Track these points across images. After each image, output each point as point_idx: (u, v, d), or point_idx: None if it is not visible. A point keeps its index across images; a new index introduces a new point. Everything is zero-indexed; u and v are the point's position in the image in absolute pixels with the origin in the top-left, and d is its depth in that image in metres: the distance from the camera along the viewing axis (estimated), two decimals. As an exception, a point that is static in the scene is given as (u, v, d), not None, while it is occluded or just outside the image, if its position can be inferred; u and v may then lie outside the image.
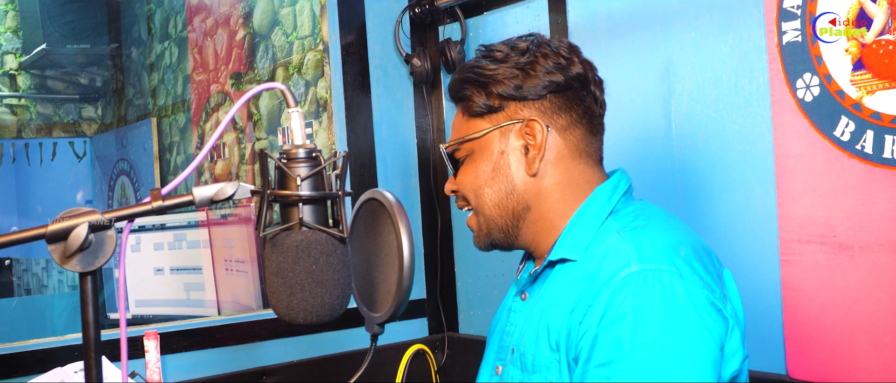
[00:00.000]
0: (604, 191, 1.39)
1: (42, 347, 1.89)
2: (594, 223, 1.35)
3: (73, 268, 0.97)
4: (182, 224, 2.95)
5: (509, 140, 1.40)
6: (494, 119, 1.40)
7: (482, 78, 1.39)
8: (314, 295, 1.05)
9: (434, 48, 2.54)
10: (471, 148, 1.42)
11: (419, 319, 2.54)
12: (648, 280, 1.21)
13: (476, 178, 1.42)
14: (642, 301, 1.20)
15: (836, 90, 1.62)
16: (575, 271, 1.32)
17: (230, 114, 1.09)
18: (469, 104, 1.42)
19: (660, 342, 1.18)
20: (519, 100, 1.38)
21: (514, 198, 1.40)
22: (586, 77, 1.40)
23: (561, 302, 1.30)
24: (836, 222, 1.63)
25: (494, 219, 1.41)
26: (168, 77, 3.82)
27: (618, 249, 1.27)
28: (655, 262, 1.23)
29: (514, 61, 1.38)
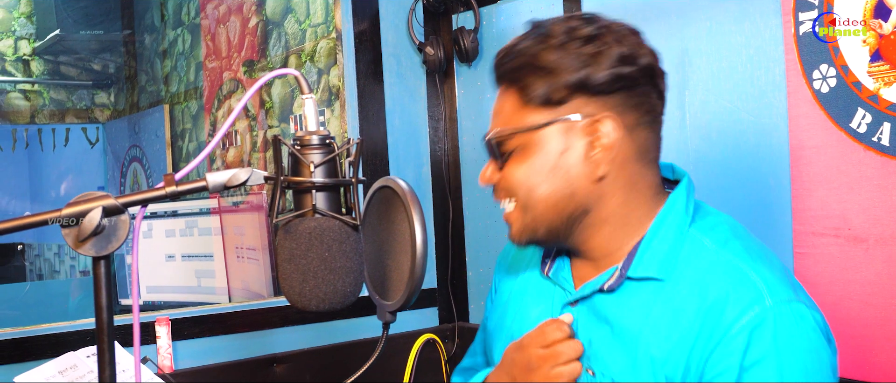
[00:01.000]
0: (679, 199, 1.27)
1: (55, 332, 1.90)
2: (676, 237, 1.24)
3: (87, 253, 0.97)
4: (194, 211, 2.96)
5: (572, 137, 1.24)
6: (556, 112, 1.23)
7: (545, 65, 1.22)
8: (327, 283, 1.05)
9: (447, 37, 2.53)
10: (524, 140, 1.25)
11: (429, 308, 2.54)
12: (785, 316, 1.14)
13: (530, 175, 1.25)
14: (784, 339, 1.13)
15: (852, 81, 1.60)
16: (673, 292, 1.21)
17: (243, 101, 1.09)
18: (526, 92, 1.24)
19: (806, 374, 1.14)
20: (586, 93, 1.22)
21: (573, 202, 1.25)
22: (654, 69, 1.25)
23: (667, 329, 1.19)
24: (852, 215, 1.62)
25: (547, 221, 1.26)
26: (181, 64, 3.83)
27: (740, 279, 1.17)
28: (784, 296, 1.16)
29: (577, 48, 1.21)
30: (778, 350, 1.12)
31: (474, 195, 2.53)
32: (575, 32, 1.22)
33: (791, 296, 1.16)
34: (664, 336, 1.19)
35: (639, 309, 1.22)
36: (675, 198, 1.27)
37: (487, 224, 2.48)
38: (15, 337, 1.85)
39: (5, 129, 4.65)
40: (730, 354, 1.13)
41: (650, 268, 1.23)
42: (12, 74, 4.58)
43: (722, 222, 1.27)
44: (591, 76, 1.20)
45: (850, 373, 1.63)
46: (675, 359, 1.18)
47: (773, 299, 1.14)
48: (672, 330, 1.18)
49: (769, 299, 1.14)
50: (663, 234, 1.24)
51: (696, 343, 1.16)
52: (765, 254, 1.24)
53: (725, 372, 1.14)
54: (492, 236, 2.47)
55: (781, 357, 1.12)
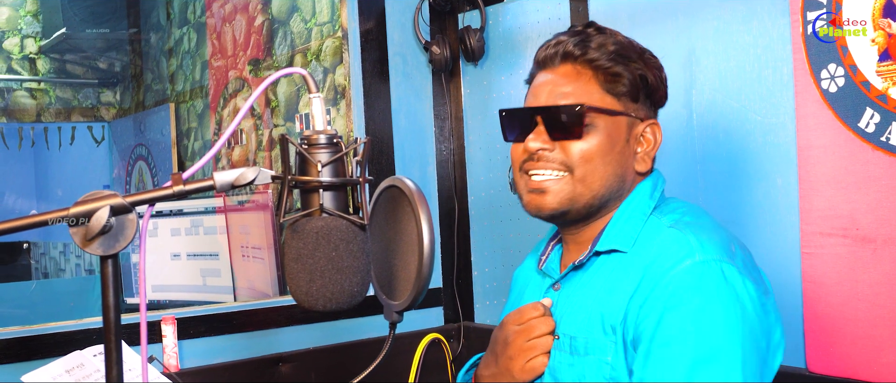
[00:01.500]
0: (645, 187, 1.42)
1: (61, 330, 1.90)
2: (639, 217, 1.39)
3: (94, 251, 0.97)
4: (199, 210, 2.96)
5: (632, 132, 1.41)
6: (630, 107, 1.40)
7: (639, 62, 1.40)
8: (334, 282, 1.04)
9: (453, 36, 2.53)
10: (601, 121, 1.38)
11: (435, 308, 2.54)
12: (711, 269, 1.26)
13: (598, 152, 1.38)
14: (706, 286, 1.24)
15: (861, 81, 1.60)
16: (628, 261, 1.35)
17: (250, 100, 1.08)
18: (614, 80, 1.38)
19: (724, 326, 1.22)
20: (650, 99, 1.42)
21: (620, 185, 1.40)
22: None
23: (617, 288, 1.33)
24: (859, 215, 1.61)
25: (594, 196, 1.38)
26: (186, 63, 3.83)
27: (678, 241, 1.30)
28: (715, 254, 1.27)
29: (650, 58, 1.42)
30: (700, 295, 1.24)
31: (480, 194, 2.53)
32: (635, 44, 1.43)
33: (724, 257, 1.28)
34: (615, 293, 1.33)
35: (602, 278, 1.37)
36: (640, 187, 1.42)
37: (493, 223, 2.48)
38: (21, 336, 1.85)
39: (11, 128, 4.65)
40: (657, 298, 1.26)
41: (614, 242, 1.38)
42: (18, 73, 4.59)
43: (681, 207, 1.42)
44: (658, 87, 1.42)
45: (858, 374, 1.62)
46: (617, 309, 1.31)
47: (703, 255, 1.27)
48: (620, 287, 1.33)
49: (700, 255, 1.27)
50: (628, 215, 1.40)
51: (635, 292, 1.30)
52: (715, 229, 1.36)
53: (651, 314, 1.26)
54: (497, 235, 2.47)
55: (702, 302, 1.24)
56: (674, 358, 1.22)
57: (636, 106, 1.40)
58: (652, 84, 1.40)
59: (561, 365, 1.37)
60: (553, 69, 1.42)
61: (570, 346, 1.36)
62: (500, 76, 2.43)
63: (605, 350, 1.32)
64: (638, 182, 1.43)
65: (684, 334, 1.23)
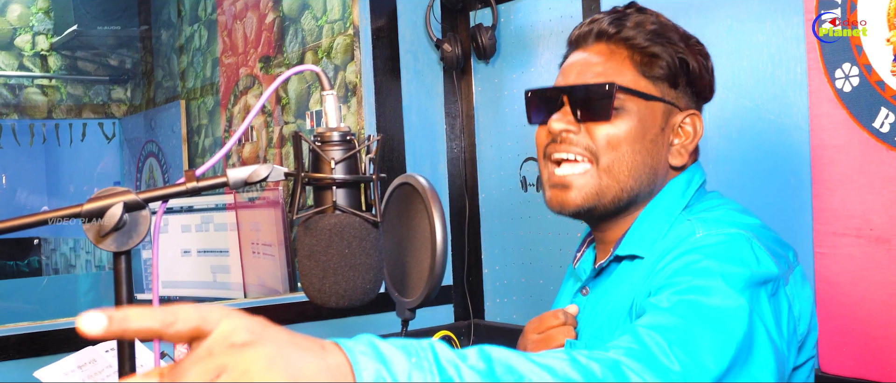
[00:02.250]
0: (678, 184, 1.30)
1: (72, 326, 1.90)
2: (666, 219, 1.27)
3: (108, 248, 0.97)
4: (209, 206, 2.97)
5: (669, 120, 1.28)
6: (668, 93, 1.28)
7: (675, 44, 1.27)
8: (347, 279, 1.04)
9: (465, 33, 2.52)
10: (634, 105, 1.26)
11: (445, 306, 2.54)
12: (715, 237, 1.16)
13: (628, 138, 1.25)
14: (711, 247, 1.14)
15: (876, 81, 1.59)
16: (642, 268, 1.23)
17: (264, 97, 1.08)
18: (651, 62, 1.27)
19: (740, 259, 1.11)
20: (692, 87, 1.30)
21: (651, 179, 1.27)
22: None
23: (628, 289, 1.23)
24: (873, 215, 1.60)
25: (622, 189, 1.26)
26: (197, 60, 3.84)
27: (684, 231, 1.21)
28: (721, 228, 1.18)
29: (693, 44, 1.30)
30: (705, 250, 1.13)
31: (491, 192, 2.52)
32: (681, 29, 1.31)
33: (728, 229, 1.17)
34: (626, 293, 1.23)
35: (624, 285, 1.26)
36: (671, 185, 1.30)
37: (503, 221, 2.48)
38: (33, 332, 1.86)
39: (23, 124, 4.67)
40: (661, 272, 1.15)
41: (633, 247, 1.27)
42: (30, 69, 4.61)
43: (714, 204, 1.29)
44: (701, 74, 1.29)
45: (871, 374, 1.61)
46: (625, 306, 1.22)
47: (705, 230, 1.18)
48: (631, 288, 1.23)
49: (701, 231, 1.18)
50: (653, 216, 1.28)
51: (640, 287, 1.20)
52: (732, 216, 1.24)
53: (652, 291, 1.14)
54: (508, 233, 2.47)
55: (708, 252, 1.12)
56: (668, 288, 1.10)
57: (675, 93, 1.28)
58: (694, 71, 1.28)
59: None
60: (586, 48, 1.32)
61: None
62: (511, 74, 2.43)
63: None
64: (672, 177, 1.30)
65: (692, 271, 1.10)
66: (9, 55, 4.56)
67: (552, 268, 2.33)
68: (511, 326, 2.42)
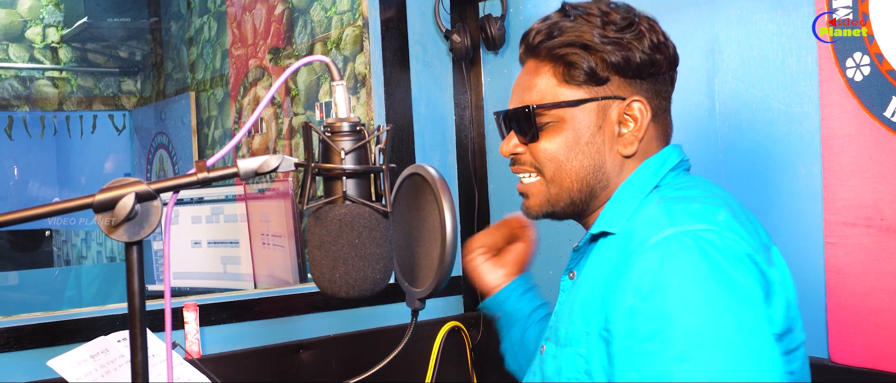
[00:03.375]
0: (650, 164, 1.33)
1: (84, 316, 1.92)
2: (637, 196, 1.30)
3: (120, 238, 0.98)
4: (220, 198, 2.98)
5: (607, 115, 1.32)
6: (596, 91, 1.31)
7: (592, 44, 1.29)
8: (357, 269, 1.05)
9: (474, 24, 2.52)
10: (560, 115, 1.32)
11: (455, 296, 2.54)
12: (683, 240, 1.13)
13: (562, 149, 1.32)
14: (680, 263, 1.11)
15: (887, 70, 1.58)
16: (613, 243, 1.27)
17: (274, 88, 1.09)
18: (569, 69, 1.31)
19: (708, 305, 1.09)
20: (624, 76, 1.31)
21: (599, 175, 1.33)
22: (676, 60, 1.36)
23: (597, 275, 1.26)
24: (884, 205, 1.60)
25: (572, 193, 1.34)
26: (207, 51, 3.84)
27: (652, 216, 1.22)
28: (687, 224, 1.15)
29: (618, 33, 1.29)
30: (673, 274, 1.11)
31: (500, 183, 2.52)
32: (610, 17, 1.30)
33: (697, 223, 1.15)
34: (595, 280, 1.26)
35: (597, 264, 1.29)
36: (645, 165, 1.33)
37: (513, 211, 2.48)
38: (46, 322, 1.87)
39: (34, 116, 4.69)
40: (627, 282, 1.15)
41: (605, 224, 1.30)
42: (41, 62, 4.62)
43: (688, 183, 1.31)
44: (631, 59, 1.28)
45: (881, 364, 1.61)
46: (593, 297, 1.23)
47: (671, 227, 1.16)
48: (599, 273, 1.26)
49: (668, 229, 1.16)
50: (624, 195, 1.32)
51: (606, 279, 1.21)
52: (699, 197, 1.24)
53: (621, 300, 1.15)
54: (517, 224, 2.47)
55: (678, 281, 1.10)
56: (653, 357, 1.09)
57: (607, 87, 1.31)
58: (623, 60, 1.29)
59: (548, 357, 1.32)
60: (524, 64, 1.40)
61: (555, 337, 1.31)
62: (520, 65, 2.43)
63: (580, 341, 1.24)
64: (631, 165, 1.33)
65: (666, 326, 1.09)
66: (20, 47, 4.58)
67: (561, 258, 2.32)
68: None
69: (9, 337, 1.82)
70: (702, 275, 1.11)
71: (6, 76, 4.59)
